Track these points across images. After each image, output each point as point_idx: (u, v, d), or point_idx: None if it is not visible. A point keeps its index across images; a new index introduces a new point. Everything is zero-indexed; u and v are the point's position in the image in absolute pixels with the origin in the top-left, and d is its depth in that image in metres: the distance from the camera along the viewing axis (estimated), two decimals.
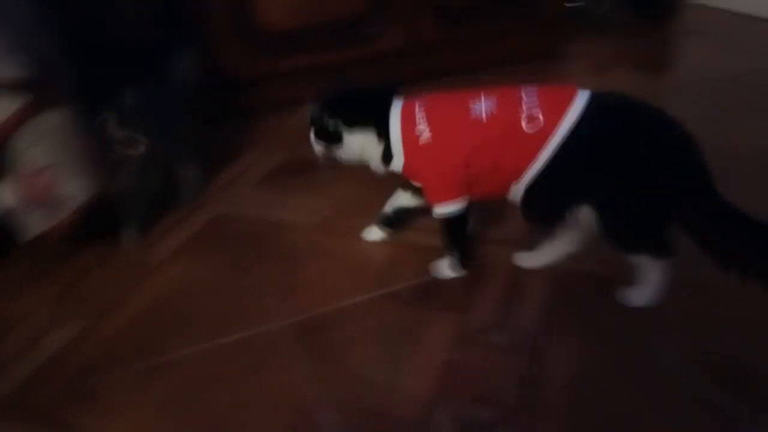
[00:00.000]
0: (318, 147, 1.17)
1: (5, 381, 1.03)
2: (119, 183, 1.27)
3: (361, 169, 1.17)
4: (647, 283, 1.06)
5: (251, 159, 1.69)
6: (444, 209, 1.12)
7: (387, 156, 1.13)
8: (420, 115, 1.09)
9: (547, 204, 1.07)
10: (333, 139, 1.13)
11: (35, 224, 1.20)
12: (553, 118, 1.00)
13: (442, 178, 1.11)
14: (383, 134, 1.11)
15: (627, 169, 0.99)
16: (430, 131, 1.08)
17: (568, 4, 2.26)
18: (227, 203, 1.49)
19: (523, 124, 1.02)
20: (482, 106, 1.06)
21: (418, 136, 1.09)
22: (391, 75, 1.54)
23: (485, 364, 0.98)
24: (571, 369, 0.96)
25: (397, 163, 1.12)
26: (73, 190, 1.18)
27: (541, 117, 1.01)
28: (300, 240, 1.34)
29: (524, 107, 1.03)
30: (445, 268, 1.19)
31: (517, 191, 1.07)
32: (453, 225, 1.15)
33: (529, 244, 1.19)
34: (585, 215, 1.03)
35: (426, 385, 0.95)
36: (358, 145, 1.13)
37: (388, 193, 1.27)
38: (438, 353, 1.01)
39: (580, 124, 0.99)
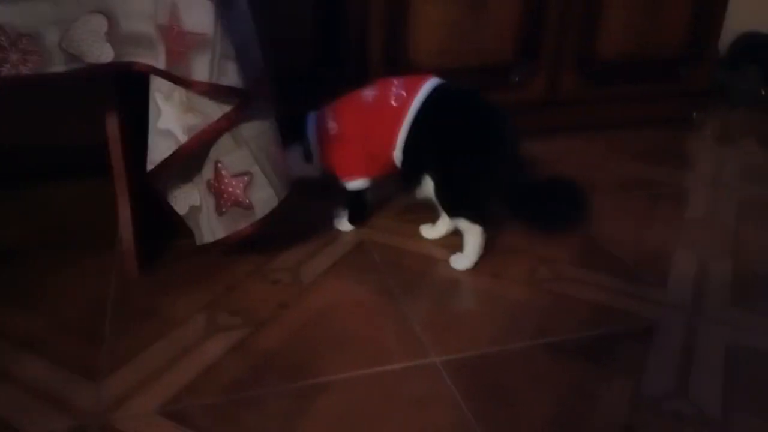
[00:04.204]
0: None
1: (164, 387, 1.02)
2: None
3: None
4: (467, 248, 1.33)
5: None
6: (353, 185, 1.42)
7: (308, 156, 1.42)
8: (329, 114, 1.39)
9: (410, 168, 1.34)
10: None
11: (217, 229, 1.22)
12: (411, 95, 1.30)
13: (349, 157, 1.38)
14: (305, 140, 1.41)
15: (453, 148, 1.28)
16: (336, 123, 1.37)
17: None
18: (372, 230, 1.49)
19: (392, 100, 1.30)
20: (369, 93, 1.35)
21: (329, 130, 1.38)
22: (530, 124, 1.55)
23: None
24: None
25: (316, 158, 1.42)
26: (263, 199, 1.19)
27: (404, 93, 1.30)
28: (449, 275, 1.33)
29: (394, 89, 1.32)
30: (342, 222, 1.48)
31: (397, 158, 1.34)
32: (356, 196, 1.45)
33: None
34: (428, 182, 1.32)
35: None
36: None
37: None
38: (615, 417, 0.98)
39: (425, 104, 1.29)
